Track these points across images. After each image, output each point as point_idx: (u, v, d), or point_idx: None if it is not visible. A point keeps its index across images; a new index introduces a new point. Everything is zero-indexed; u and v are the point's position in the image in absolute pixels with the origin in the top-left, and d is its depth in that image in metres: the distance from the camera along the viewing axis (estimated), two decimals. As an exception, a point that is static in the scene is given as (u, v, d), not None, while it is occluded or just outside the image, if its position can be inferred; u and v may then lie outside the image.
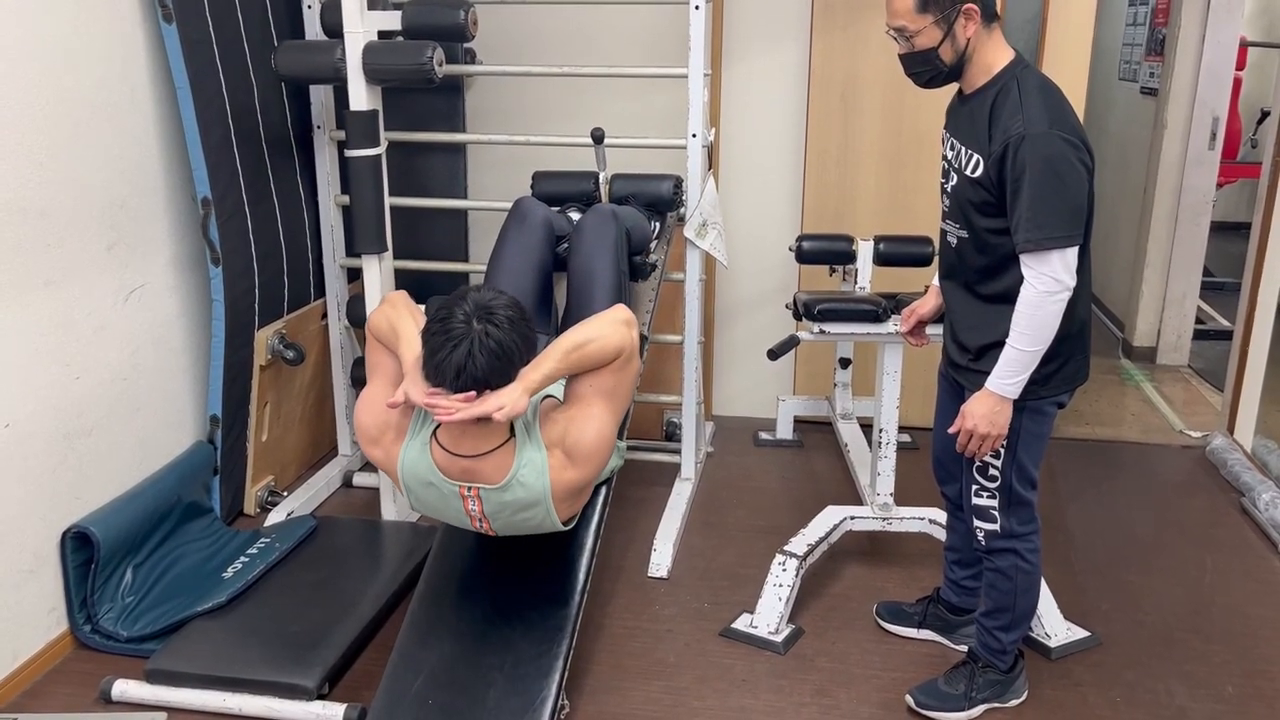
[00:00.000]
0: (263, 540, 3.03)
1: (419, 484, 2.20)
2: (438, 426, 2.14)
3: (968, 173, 2.13)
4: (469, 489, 2.15)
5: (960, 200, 2.18)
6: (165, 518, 2.90)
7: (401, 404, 2.11)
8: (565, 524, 2.29)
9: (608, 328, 2.22)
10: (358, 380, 3.56)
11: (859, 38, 3.75)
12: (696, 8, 3.08)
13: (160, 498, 2.89)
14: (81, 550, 2.65)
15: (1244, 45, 5.33)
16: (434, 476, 2.16)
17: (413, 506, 2.30)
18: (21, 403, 2.48)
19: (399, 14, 2.92)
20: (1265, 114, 7.06)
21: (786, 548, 2.83)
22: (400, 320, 2.22)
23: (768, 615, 2.73)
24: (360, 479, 3.62)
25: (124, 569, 2.74)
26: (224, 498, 3.19)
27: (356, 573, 2.92)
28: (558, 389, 2.32)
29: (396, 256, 3.21)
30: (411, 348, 2.13)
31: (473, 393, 2.01)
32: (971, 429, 2.17)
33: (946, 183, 2.24)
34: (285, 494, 3.41)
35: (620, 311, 2.31)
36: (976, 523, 2.33)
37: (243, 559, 2.92)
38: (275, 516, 3.26)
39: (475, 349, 1.98)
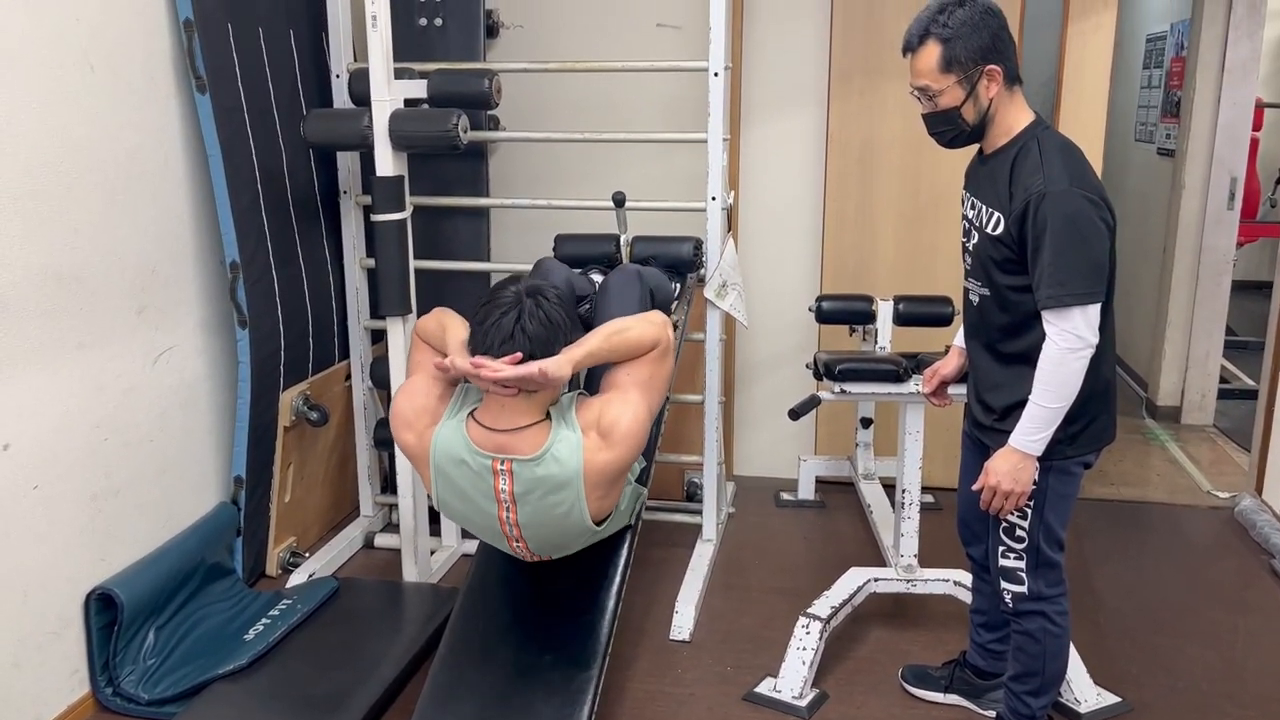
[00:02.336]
0: (284, 602, 3.03)
1: (450, 462, 2.20)
2: (474, 409, 2.19)
3: (989, 230, 2.15)
4: (502, 463, 2.16)
5: (982, 258, 2.20)
6: (188, 579, 2.90)
7: (448, 367, 2.15)
8: (596, 524, 2.28)
9: (644, 322, 2.32)
10: (381, 441, 3.58)
11: (876, 102, 3.81)
12: (715, 75, 3.14)
13: (183, 559, 2.90)
14: (105, 612, 2.66)
15: (1260, 106, 5.37)
16: (467, 452, 2.18)
17: (437, 499, 2.30)
18: (51, 465, 2.51)
19: (425, 82, 2.99)
20: (1284, 174, 7.09)
21: (810, 610, 2.80)
22: (451, 319, 2.31)
23: (791, 679, 2.70)
24: (382, 540, 3.62)
25: (146, 631, 2.74)
26: (246, 559, 3.20)
27: (378, 635, 2.91)
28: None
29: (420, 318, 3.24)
30: (458, 336, 2.21)
31: (519, 354, 2.08)
32: (995, 486, 2.16)
33: (968, 241, 2.26)
34: (307, 555, 3.42)
35: (655, 314, 2.40)
36: (1004, 584, 2.31)
37: (264, 621, 2.92)
38: (297, 578, 3.26)
39: (524, 317, 2.11)
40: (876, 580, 2.95)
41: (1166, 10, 5.21)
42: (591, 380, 2.54)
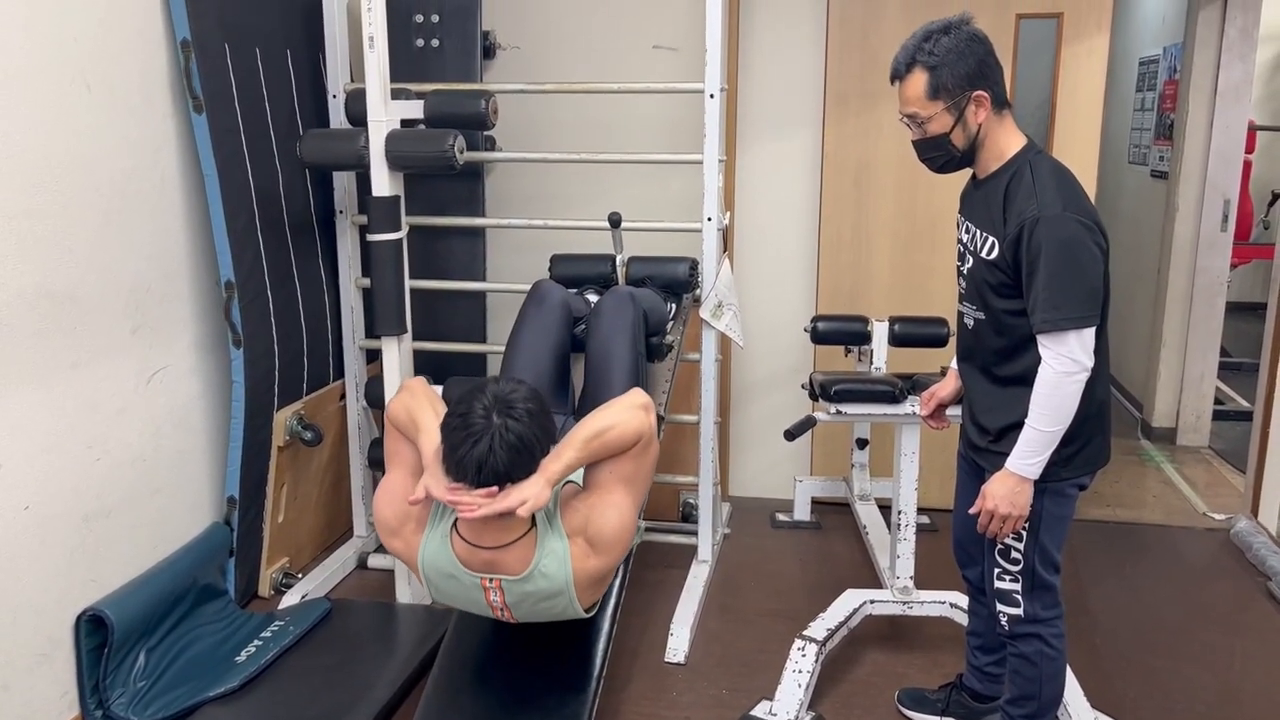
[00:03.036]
0: (277, 623, 3.01)
1: (440, 576, 2.19)
2: (458, 518, 2.13)
3: (983, 255, 2.16)
4: (491, 580, 2.14)
5: (977, 282, 2.20)
6: (180, 600, 2.89)
7: (423, 500, 2.10)
8: (587, 611, 2.27)
9: (626, 413, 2.21)
10: (375, 461, 3.57)
11: (871, 125, 3.83)
12: (711, 96, 3.15)
13: (175, 580, 2.88)
14: (96, 633, 2.64)
15: (1253, 129, 5.40)
16: (455, 569, 2.15)
17: (433, 596, 2.27)
18: (42, 485, 2.50)
19: (421, 103, 3.00)
20: (1276, 196, 7.14)
21: (806, 632, 2.79)
22: (419, 410, 2.21)
23: (787, 702, 2.68)
24: (375, 561, 3.60)
25: (137, 653, 2.72)
26: (239, 580, 3.17)
27: (371, 657, 2.89)
28: (577, 475, 2.32)
29: (416, 338, 3.24)
30: (431, 439, 2.12)
31: (495, 488, 2.00)
32: (992, 509, 2.15)
33: (963, 265, 2.27)
34: (300, 576, 3.39)
35: (637, 396, 2.31)
36: (1000, 607, 2.30)
37: (256, 643, 2.90)
38: (290, 599, 3.24)
39: (496, 444, 1.97)
40: (872, 602, 2.94)
41: (1159, 34, 5.25)
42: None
